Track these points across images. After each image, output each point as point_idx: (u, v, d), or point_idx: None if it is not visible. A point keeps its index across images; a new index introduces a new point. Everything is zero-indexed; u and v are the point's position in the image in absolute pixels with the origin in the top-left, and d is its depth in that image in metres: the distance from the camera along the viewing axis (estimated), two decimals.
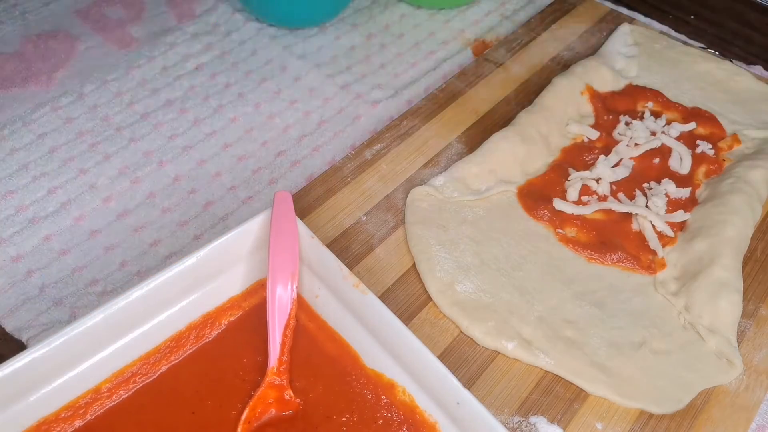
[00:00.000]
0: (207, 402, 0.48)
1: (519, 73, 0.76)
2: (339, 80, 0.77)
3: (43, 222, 0.63)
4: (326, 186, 0.64)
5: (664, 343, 0.55)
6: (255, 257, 0.52)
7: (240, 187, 0.67)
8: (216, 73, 0.77)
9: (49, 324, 0.56)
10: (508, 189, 0.64)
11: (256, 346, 0.50)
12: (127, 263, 0.61)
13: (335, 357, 0.50)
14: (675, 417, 0.52)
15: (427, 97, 0.72)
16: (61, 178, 0.66)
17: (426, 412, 0.47)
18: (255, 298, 0.53)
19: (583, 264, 0.60)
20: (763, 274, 0.60)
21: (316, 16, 0.82)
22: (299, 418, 0.48)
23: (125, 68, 0.76)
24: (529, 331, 0.55)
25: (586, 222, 0.61)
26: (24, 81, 0.74)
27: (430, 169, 0.66)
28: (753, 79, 0.75)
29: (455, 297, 0.56)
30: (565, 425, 0.51)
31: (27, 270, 0.59)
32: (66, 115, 0.71)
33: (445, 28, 0.84)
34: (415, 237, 0.60)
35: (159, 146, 0.70)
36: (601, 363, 0.53)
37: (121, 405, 0.48)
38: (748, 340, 0.56)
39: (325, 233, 0.60)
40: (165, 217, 0.64)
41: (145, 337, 0.49)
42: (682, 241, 0.61)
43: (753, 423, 0.52)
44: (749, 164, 0.65)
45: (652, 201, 0.62)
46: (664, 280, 0.59)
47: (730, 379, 0.53)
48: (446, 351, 0.54)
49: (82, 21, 0.81)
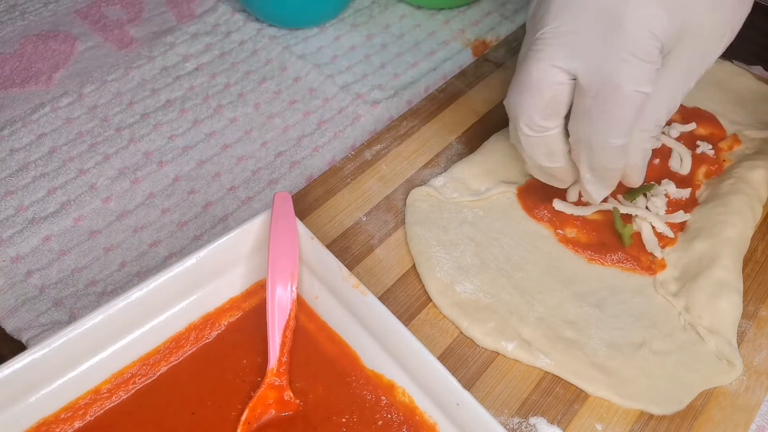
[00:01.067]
0: (207, 403, 0.48)
1: None
2: (339, 80, 0.77)
3: (43, 222, 0.63)
4: (326, 186, 0.64)
5: (664, 344, 0.55)
6: (255, 258, 0.52)
7: (240, 188, 0.67)
8: (216, 74, 0.77)
9: (48, 325, 0.56)
10: (508, 189, 0.64)
11: (256, 347, 0.50)
12: (127, 264, 0.61)
13: (335, 358, 0.50)
14: (675, 418, 0.52)
15: (427, 98, 0.72)
16: (60, 178, 0.66)
17: (426, 413, 0.47)
18: (255, 298, 0.53)
19: (584, 264, 0.60)
20: (763, 275, 0.60)
21: (316, 16, 0.82)
22: (299, 419, 0.48)
23: (125, 68, 0.76)
24: (529, 332, 0.55)
25: (586, 222, 0.61)
26: (24, 81, 0.74)
27: (430, 170, 0.66)
28: (753, 79, 0.75)
29: (455, 298, 0.56)
30: (565, 426, 0.51)
31: (27, 270, 0.59)
32: (66, 116, 0.71)
33: (445, 28, 0.84)
34: (415, 237, 0.60)
35: (159, 146, 0.70)
36: (601, 364, 0.53)
37: (121, 406, 0.48)
38: (749, 341, 0.56)
39: (325, 234, 0.60)
40: (165, 217, 0.64)
41: (144, 338, 0.49)
42: (683, 241, 0.61)
43: (753, 424, 0.52)
44: (749, 165, 0.65)
45: (651, 201, 0.62)
46: (665, 280, 0.59)
47: (730, 380, 0.53)
48: (446, 352, 0.54)
49: (82, 21, 0.81)
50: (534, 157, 0.56)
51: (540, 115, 0.52)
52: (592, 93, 0.49)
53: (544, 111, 0.52)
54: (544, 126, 0.52)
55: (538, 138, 0.54)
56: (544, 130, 0.53)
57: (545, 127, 0.53)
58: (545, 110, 0.52)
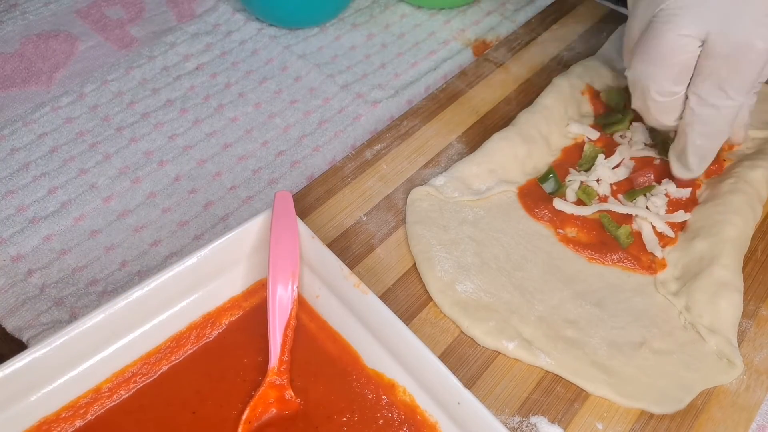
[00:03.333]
0: (208, 402, 0.48)
1: (519, 73, 0.76)
2: (339, 80, 0.77)
3: (44, 222, 0.63)
4: (327, 186, 0.64)
5: (665, 343, 0.55)
6: (255, 257, 0.52)
7: (240, 187, 0.67)
8: (216, 73, 0.77)
9: (49, 324, 0.56)
10: (508, 189, 0.64)
11: (257, 345, 0.50)
12: (128, 263, 0.61)
13: (336, 357, 0.50)
14: (675, 417, 0.52)
15: (428, 97, 0.72)
16: (61, 178, 0.66)
17: (427, 412, 0.47)
18: (255, 298, 0.53)
19: (584, 264, 0.60)
20: (763, 274, 0.60)
21: (316, 16, 0.82)
22: (300, 418, 0.48)
23: (125, 68, 0.76)
24: (529, 331, 0.55)
25: (586, 222, 0.61)
26: (24, 81, 0.74)
27: (431, 169, 0.66)
28: None
29: (456, 297, 0.56)
30: (565, 425, 0.51)
31: (27, 270, 0.59)
32: (66, 115, 0.71)
33: (446, 28, 0.84)
34: (415, 237, 0.60)
35: (159, 146, 0.70)
36: (602, 363, 0.53)
37: (122, 405, 0.48)
38: (749, 340, 0.56)
39: (325, 233, 0.60)
40: (165, 217, 0.64)
41: (145, 337, 0.49)
42: (683, 241, 0.61)
43: (753, 423, 0.52)
44: (749, 164, 0.65)
45: (651, 201, 0.62)
46: (665, 280, 0.59)
47: (730, 379, 0.53)
48: (447, 351, 0.54)
49: (82, 21, 0.81)
50: (660, 119, 0.60)
51: (672, 82, 0.56)
52: (723, 54, 0.53)
53: (677, 77, 0.56)
54: (674, 91, 0.57)
55: (668, 102, 0.58)
56: (673, 94, 0.57)
57: (675, 92, 0.57)
58: (678, 76, 0.56)
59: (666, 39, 0.54)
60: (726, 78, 0.54)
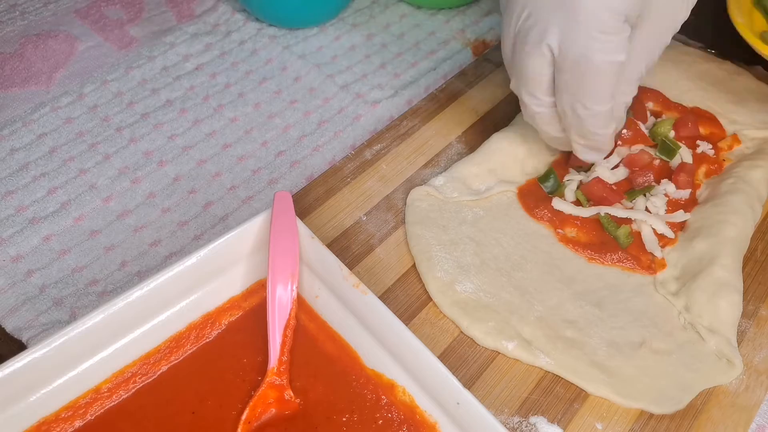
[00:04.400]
0: (207, 402, 0.48)
1: None
2: (339, 80, 0.77)
3: (43, 222, 0.63)
4: (326, 186, 0.64)
5: (665, 343, 0.55)
6: (255, 257, 0.52)
7: (240, 187, 0.67)
8: (216, 73, 0.77)
9: (49, 324, 0.56)
10: (508, 189, 0.64)
11: (256, 346, 0.50)
12: (127, 263, 0.61)
13: (335, 357, 0.50)
14: (675, 417, 0.52)
15: (427, 97, 0.72)
16: (61, 178, 0.66)
17: (426, 412, 0.47)
18: (255, 298, 0.53)
19: (584, 264, 0.60)
20: (763, 274, 0.60)
21: (316, 16, 0.82)
22: (299, 418, 0.48)
23: (125, 68, 0.76)
24: (529, 331, 0.55)
25: (586, 222, 0.61)
26: (24, 81, 0.74)
27: (430, 169, 0.66)
28: (753, 79, 0.75)
29: (455, 297, 0.56)
30: (565, 425, 0.51)
31: (27, 270, 0.59)
32: (66, 115, 0.71)
33: (445, 28, 0.84)
34: (415, 237, 0.60)
35: (159, 146, 0.70)
36: (602, 363, 0.53)
37: (122, 405, 0.48)
38: (748, 341, 0.56)
39: (325, 233, 0.60)
40: (165, 217, 0.64)
41: (145, 337, 0.49)
42: (683, 241, 0.61)
43: (753, 423, 0.52)
44: (749, 164, 0.65)
45: (651, 201, 0.62)
46: (665, 280, 0.59)
47: (730, 379, 0.53)
48: (446, 351, 0.54)
49: (82, 21, 0.81)
50: (548, 131, 0.60)
51: (544, 94, 0.56)
52: (568, 69, 0.53)
53: (547, 90, 0.56)
54: (549, 101, 0.57)
55: (548, 112, 0.58)
56: (551, 104, 0.57)
57: (551, 101, 0.57)
58: (548, 89, 0.56)
59: (521, 57, 0.55)
60: (578, 91, 0.54)
